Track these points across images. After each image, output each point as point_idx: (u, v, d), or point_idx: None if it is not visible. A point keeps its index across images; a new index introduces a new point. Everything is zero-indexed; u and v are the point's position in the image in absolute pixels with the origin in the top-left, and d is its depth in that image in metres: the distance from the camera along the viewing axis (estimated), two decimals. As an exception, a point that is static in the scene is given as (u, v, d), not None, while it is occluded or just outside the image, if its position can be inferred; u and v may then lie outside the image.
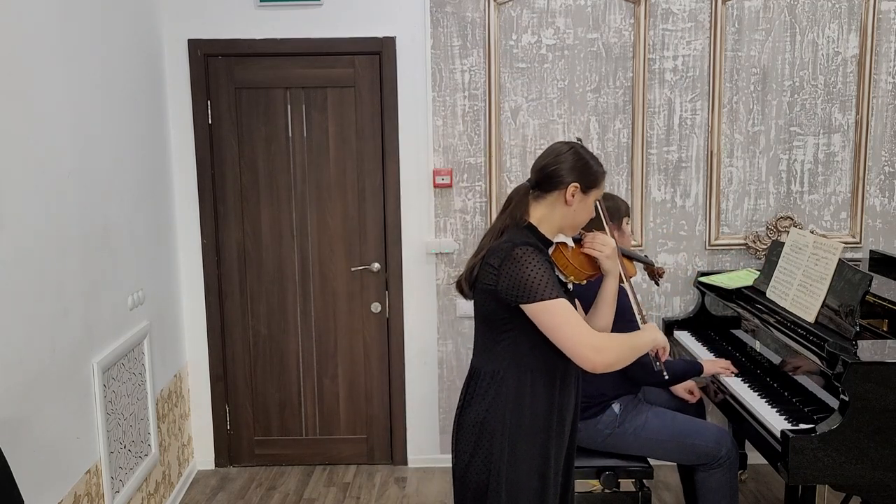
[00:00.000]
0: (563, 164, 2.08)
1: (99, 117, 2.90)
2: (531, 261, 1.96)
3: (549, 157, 2.10)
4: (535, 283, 1.94)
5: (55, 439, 2.49)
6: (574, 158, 2.09)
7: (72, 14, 2.70)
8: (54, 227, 2.52)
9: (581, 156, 2.09)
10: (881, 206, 3.83)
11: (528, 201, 2.11)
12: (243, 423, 4.04)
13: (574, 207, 2.08)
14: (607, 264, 2.15)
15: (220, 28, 3.71)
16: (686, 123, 3.79)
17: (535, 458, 2.08)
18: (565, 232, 2.14)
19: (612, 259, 2.15)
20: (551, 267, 2.04)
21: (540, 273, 1.95)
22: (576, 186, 2.06)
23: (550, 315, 1.94)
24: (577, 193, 2.06)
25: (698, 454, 2.84)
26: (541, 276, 1.95)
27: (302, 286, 3.94)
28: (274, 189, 3.87)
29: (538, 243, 2.06)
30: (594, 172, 2.09)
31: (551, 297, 1.94)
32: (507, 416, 2.06)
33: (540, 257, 1.99)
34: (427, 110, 3.76)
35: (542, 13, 3.71)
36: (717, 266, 3.87)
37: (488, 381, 2.08)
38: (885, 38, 3.72)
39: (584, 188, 2.08)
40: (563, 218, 2.10)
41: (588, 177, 2.08)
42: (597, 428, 2.88)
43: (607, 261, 2.15)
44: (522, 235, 2.06)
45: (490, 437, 2.07)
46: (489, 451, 2.08)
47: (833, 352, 2.39)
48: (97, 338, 2.83)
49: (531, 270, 1.95)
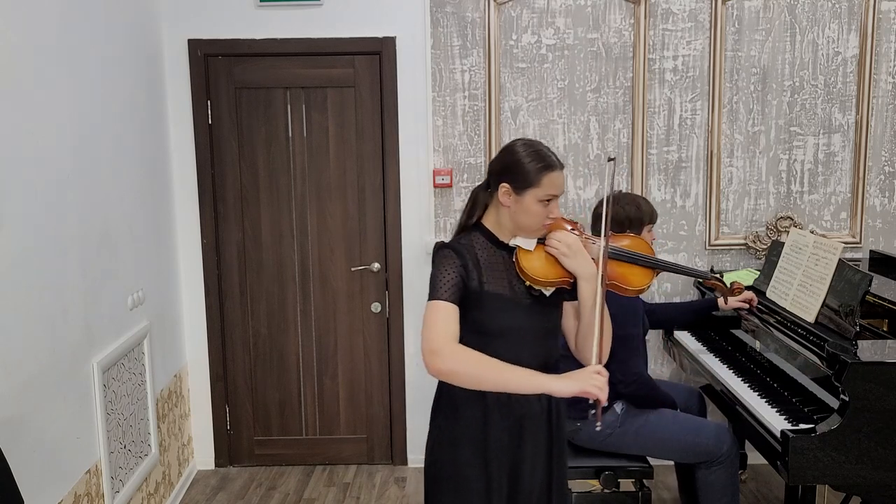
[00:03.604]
0: (496, 162, 2.00)
1: (99, 117, 2.90)
2: (439, 262, 1.94)
3: (496, 155, 2.03)
4: (434, 282, 1.92)
5: (55, 439, 2.49)
6: (506, 156, 1.97)
7: (72, 14, 2.70)
8: (54, 227, 2.52)
9: (515, 153, 1.96)
10: (881, 206, 3.83)
11: (483, 201, 2.03)
12: (243, 423, 4.04)
13: (513, 209, 1.95)
14: (568, 263, 1.97)
15: (220, 28, 3.71)
16: (686, 123, 3.79)
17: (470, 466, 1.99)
18: (520, 234, 2.00)
19: (574, 257, 1.96)
20: (461, 269, 1.92)
21: (440, 273, 1.91)
22: (506, 187, 1.94)
23: (427, 313, 1.90)
24: (511, 194, 1.94)
25: (699, 452, 2.84)
26: (440, 277, 1.91)
27: (302, 286, 3.94)
28: (274, 189, 3.87)
29: (467, 244, 1.97)
30: (526, 171, 1.92)
31: (436, 298, 1.90)
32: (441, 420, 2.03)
33: (449, 259, 1.92)
34: (427, 110, 3.76)
35: (542, 13, 3.71)
36: (718, 266, 3.87)
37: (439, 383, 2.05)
38: (885, 38, 3.72)
39: (517, 188, 1.93)
40: (508, 220, 1.98)
41: (518, 176, 1.93)
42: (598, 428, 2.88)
43: (567, 260, 1.96)
44: (461, 236, 2.01)
45: (431, 442, 2.05)
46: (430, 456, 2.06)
47: (833, 352, 2.39)
48: (97, 338, 2.83)
49: (435, 270, 1.93)
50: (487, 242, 2.00)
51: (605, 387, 1.82)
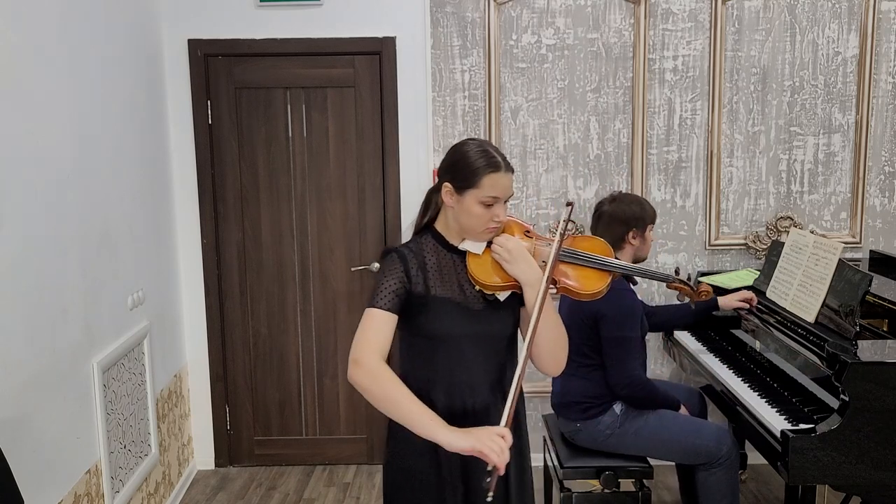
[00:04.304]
0: (443, 160, 1.92)
1: (99, 117, 2.90)
2: (383, 267, 1.89)
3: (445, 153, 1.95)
4: (375, 289, 1.86)
5: (55, 439, 2.49)
6: (451, 154, 1.90)
7: (72, 14, 2.70)
8: (54, 227, 2.52)
9: (458, 151, 1.88)
10: (881, 206, 3.83)
11: (436, 202, 1.96)
12: (243, 423, 4.04)
13: (455, 209, 1.87)
14: (510, 269, 1.85)
15: (220, 28, 3.71)
16: (686, 123, 3.79)
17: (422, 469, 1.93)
18: (466, 236, 1.91)
19: (515, 263, 1.85)
20: (403, 275, 1.86)
21: (381, 280, 1.85)
22: (448, 186, 1.87)
23: (362, 320, 1.84)
24: (452, 194, 1.86)
25: (699, 454, 2.84)
26: (380, 284, 1.85)
27: (302, 286, 3.94)
28: (274, 189, 3.87)
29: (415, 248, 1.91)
30: (467, 171, 1.84)
31: (373, 306, 1.83)
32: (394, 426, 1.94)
33: (392, 265, 1.87)
34: (427, 110, 3.76)
35: (542, 13, 3.71)
36: (718, 266, 3.87)
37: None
38: (885, 38, 3.72)
39: (457, 188, 1.85)
40: (453, 221, 1.90)
41: (459, 175, 1.85)
42: (597, 428, 2.88)
43: (508, 265, 1.85)
44: (412, 239, 1.96)
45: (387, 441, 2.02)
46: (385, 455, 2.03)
47: (833, 352, 2.39)
48: (97, 338, 2.83)
49: (379, 276, 1.88)
50: (438, 245, 1.93)
51: (503, 453, 1.65)
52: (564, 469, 2.88)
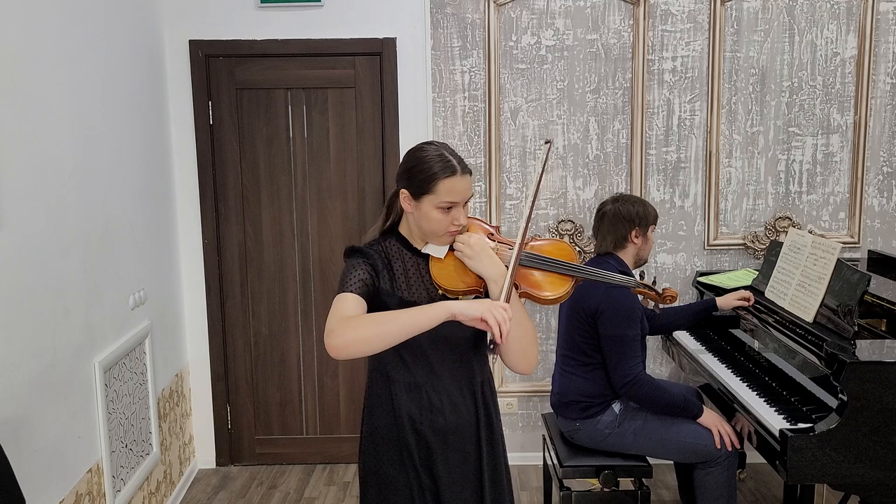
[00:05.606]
0: (399, 166, 1.91)
1: (100, 118, 2.92)
2: (347, 263, 1.88)
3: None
4: (341, 280, 1.84)
5: (57, 438, 2.50)
6: (407, 159, 1.89)
7: (73, 15, 2.72)
8: (56, 227, 2.53)
9: (413, 157, 1.87)
10: (879, 206, 3.84)
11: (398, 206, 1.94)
12: (244, 423, 4.05)
13: (415, 214, 1.87)
14: (473, 265, 1.85)
15: (221, 29, 3.72)
16: (685, 124, 3.80)
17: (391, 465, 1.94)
18: (427, 240, 1.91)
19: (478, 259, 1.84)
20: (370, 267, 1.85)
21: (347, 272, 1.84)
22: (404, 192, 1.86)
23: (332, 305, 1.79)
24: (410, 200, 1.86)
25: (697, 453, 2.85)
26: (347, 275, 1.83)
27: (302, 286, 3.95)
28: (275, 189, 3.88)
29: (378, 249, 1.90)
30: (421, 177, 1.82)
31: (342, 291, 1.81)
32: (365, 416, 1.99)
33: (356, 259, 1.86)
34: (427, 111, 3.77)
35: (542, 14, 3.72)
36: (716, 266, 3.88)
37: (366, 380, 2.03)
38: (884, 39, 3.73)
39: (414, 194, 1.84)
40: (415, 225, 1.91)
41: (414, 181, 1.84)
42: (596, 427, 2.89)
43: (471, 262, 1.85)
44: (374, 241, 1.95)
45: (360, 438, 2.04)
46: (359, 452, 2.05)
47: (831, 351, 2.40)
48: (98, 337, 2.84)
49: (344, 271, 1.86)
50: (403, 248, 1.92)
51: (505, 322, 1.68)
52: (564, 468, 2.89)
